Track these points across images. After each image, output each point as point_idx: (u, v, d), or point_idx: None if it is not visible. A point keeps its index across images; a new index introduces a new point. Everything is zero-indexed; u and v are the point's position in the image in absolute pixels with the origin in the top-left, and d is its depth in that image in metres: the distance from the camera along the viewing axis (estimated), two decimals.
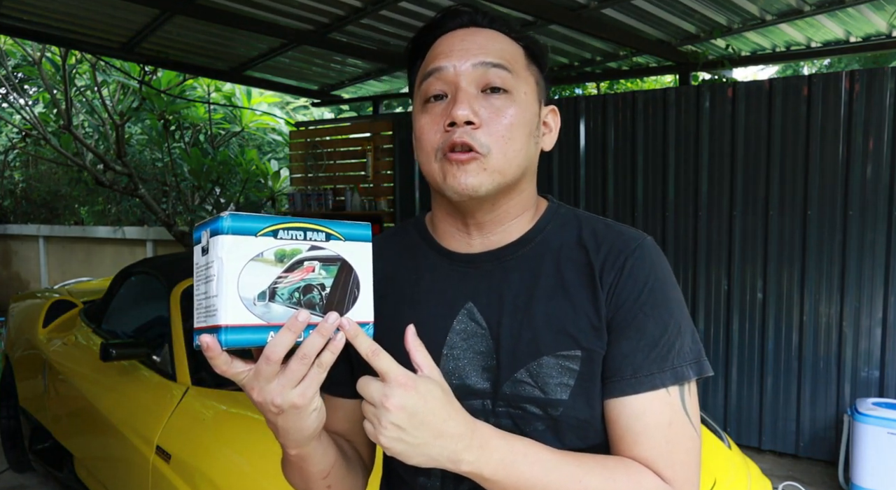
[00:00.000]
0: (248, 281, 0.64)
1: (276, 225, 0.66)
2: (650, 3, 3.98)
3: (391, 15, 4.33)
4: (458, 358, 0.84)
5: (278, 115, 8.19)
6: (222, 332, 0.64)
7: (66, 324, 3.47)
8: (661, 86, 7.55)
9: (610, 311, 0.81)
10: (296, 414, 0.70)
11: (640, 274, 0.81)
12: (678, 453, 0.78)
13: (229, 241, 0.64)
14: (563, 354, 0.80)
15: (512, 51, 0.84)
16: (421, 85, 0.84)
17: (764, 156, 3.90)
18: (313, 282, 0.68)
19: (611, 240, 0.84)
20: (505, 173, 0.80)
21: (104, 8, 4.46)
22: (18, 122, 8.83)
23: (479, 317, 0.84)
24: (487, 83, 0.80)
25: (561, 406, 0.80)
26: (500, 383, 0.82)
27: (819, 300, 3.82)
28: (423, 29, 0.88)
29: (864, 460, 3.37)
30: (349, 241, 0.71)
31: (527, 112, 0.82)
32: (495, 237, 0.87)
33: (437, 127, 0.81)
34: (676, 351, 0.81)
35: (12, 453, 3.78)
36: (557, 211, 0.90)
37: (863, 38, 4.59)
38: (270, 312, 0.65)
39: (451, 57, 0.81)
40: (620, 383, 0.80)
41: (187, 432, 2.07)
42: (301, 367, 0.67)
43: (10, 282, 9.36)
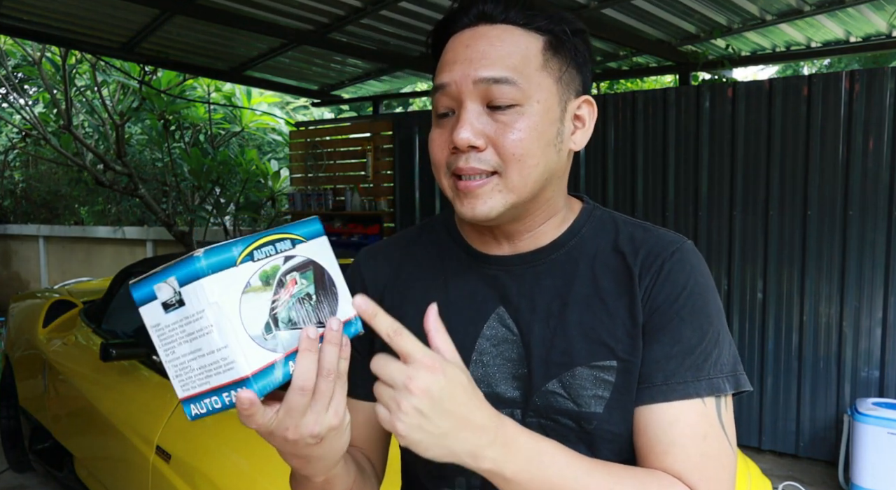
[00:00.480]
0: (249, 317, 0.58)
1: (251, 246, 0.60)
2: (650, 3, 3.98)
3: (391, 15, 4.33)
4: (488, 364, 0.80)
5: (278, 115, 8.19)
6: (252, 383, 0.56)
7: (66, 324, 3.47)
8: (661, 86, 7.55)
9: (645, 316, 0.77)
10: (335, 436, 0.64)
11: (678, 278, 0.77)
12: (712, 469, 0.73)
13: (215, 282, 0.55)
14: (598, 365, 0.76)
15: (523, 51, 0.75)
16: (433, 96, 0.79)
17: (764, 156, 3.90)
18: (300, 294, 0.63)
19: (649, 243, 0.80)
20: (520, 192, 0.75)
21: (104, 8, 4.46)
22: (18, 122, 8.83)
23: (511, 322, 0.80)
24: (491, 100, 0.74)
25: (595, 419, 0.76)
26: (532, 393, 0.78)
27: (819, 300, 3.82)
28: (439, 25, 0.81)
29: (864, 460, 3.37)
30: (310, 241, 0.67)
31: (542, 121, 0.75)
32: (524, 242, 0.83)
33: (444, 143, 0.77)
34: (713, 361, 0.76)
35: (12, 453, 3.77)
36: (592, 213, 0.86)
37: (863, 38, 4.59)
38: (280, 342, 0.60)
39: (453, 70, 0.75)
40: (651, 390, 0.75)
41: (187, 432, 2.07)
42: (328, 384, 0.61)
43: (10, 282, 9.36)
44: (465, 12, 0.77)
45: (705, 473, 0.72)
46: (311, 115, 9.65)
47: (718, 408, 0.75)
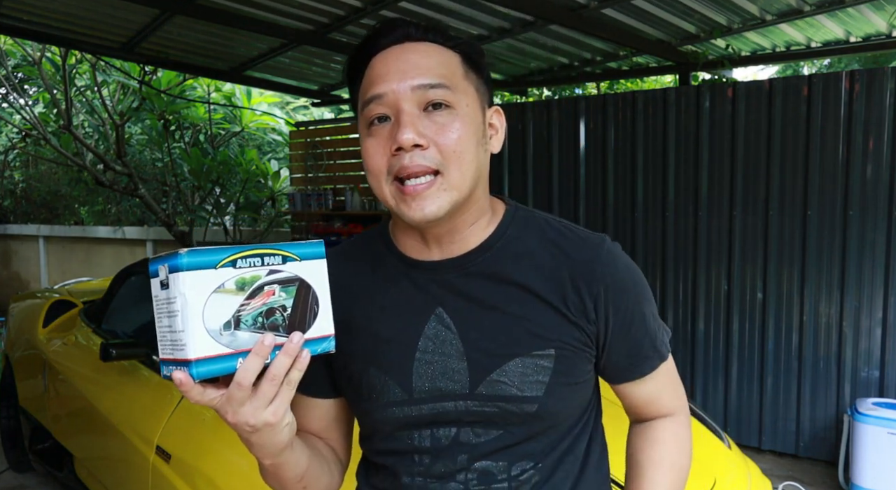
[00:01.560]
0: (213, 313, 0.66)
1: (234, 255, 0.68)
2: (650, 3, 3.98)
3: (391, 15, 4.33)
4: (431, 362, 0.86)
5: (278, 115, 8.19)
6: (193, 366, 0.66)
7: (66, 324, 3.47)
8: (661, 86, 7.55)
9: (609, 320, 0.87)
10: (269, 431, 0.73)
11: (621, 276, 0.88)
12: (677, 386, 1.00)
13: (190, 277, 0.66)
14: (537, 354, 0.85)
15: (448, 63, 0.84)
16: (363, 109, 0.84)
17: (764, 156, 3.90)
18: (274, 305, 0.70)
19: (576, 244, 0.89)
20: (461, 189, 0.82)
21: (104, 8, 4.45)
22: (18, 122, 8.83)
23: (449, 321, 0.86)
24: (429, 101, 0.81)
25: (536, 403, 0.85)
26: (476, 384, 0.85)
27: (819, 300, 3.82)
28: (358, 48, 0.88)
29: (864, 460, 3.37)
30: (305, 261, 0.73)
31: (472, 123, 0.83)
32: (454, 246, 0.89)
33: (382, 150, 0.82)
34: (658, 321, 0.96)
35: (12, 453, 3.77)
36: (516, 214, 0.92)
37: (863, 38, 4.59)
38: (237, 340, 0.68)
39: (388, 80, 0.81)
40: (639, 367, 0.93)
41: (187, 432, 2.07)
42: (271, 387, 0.69)
43: (10, 282, 9.36)
44: (390, 34, 0.85)
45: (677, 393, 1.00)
46: (311, 115, 9.65)
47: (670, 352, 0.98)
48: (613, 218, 4.41)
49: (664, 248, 4.24)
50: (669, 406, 0.99)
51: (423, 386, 0.86)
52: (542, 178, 4.68)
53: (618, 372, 0.93)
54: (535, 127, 4.67)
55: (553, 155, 4.62)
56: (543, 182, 4.67)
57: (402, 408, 0.87)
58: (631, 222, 4.35)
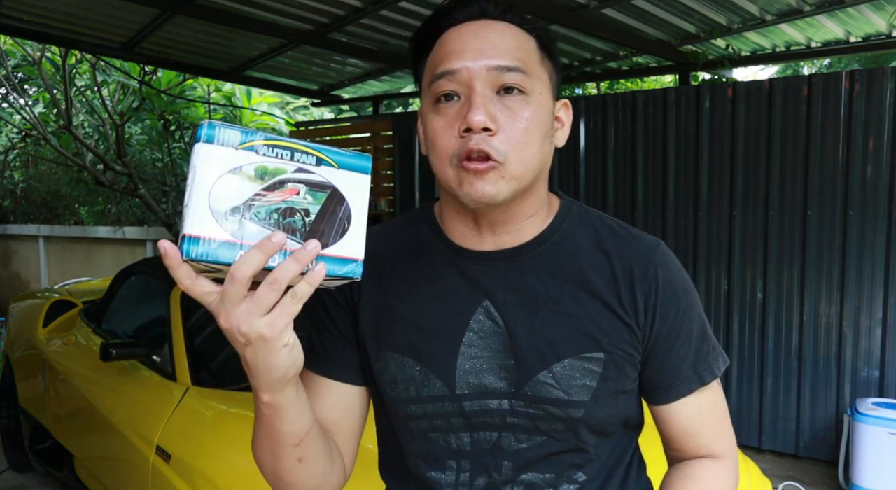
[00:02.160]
0: (222, 193, 0.60)
1: (261, 140, 0.61)
2: (650, 3, 3.98)
3: (391, 15, 4.33)
4: (476, 357, 0.82)
5: (278, 115, 8.19)
6: (185, 241, 0.59)
7: (66, 324, 3.47)
8: (661, 86, 7.55)
9: (656, 326, 0.83)
10: (264, 346, 0.64)
11: (675, 283, 0.85)
12: (725, 424, 0.90)
13: (205, 149, 0.60)
14: (586, 357, 0.81)
15: (526, 47, 0.80)
16: (431, 84, 0.80)
17: (764, 156, 3.90)
18: (296, 205, 0.62)
19: (631, 244, 0.86)
20: (522, 179, 0.78)
21: (104, 8, 4.45)
22: (18, 122, 8.83)
23: (497, 315, 0.82)
24: (503, 85, 0.77)
25: (583, 407, 0.81)
26: (522, 383, 0.81)
27: (819, 300, 3.82)
28: (430, 19, 0.83)
29: (864, 460, 3.37)
30: (344, 170, 0.65)
31: (542, 112, 0.80)
32: (508, 236, 0.84)
33: (451, 131, 0.78)
34: (712, 345, 0.89)
35: (12, 453, 3.77)
36: (570, 209, 0.89)
37: (863, 38, 4.59)
38: (243, 230, 0.60)
39: (463, 57, 0.77)
40: (679, 387, 0.86)
41: (187, 432, 2.07)
42: (271, 292, 0.61)
43: (10, 282, 9.35)
44: (466, 8, 0.80)
45: (723, 431, 0.90)
46: (311, 115, 9.66)
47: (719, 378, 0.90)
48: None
49: None
50: (713, 446, 0.89)
51: (466, 381, 0.81)
52: None
53: (653, 388, 0.87)
54: None
55: (554, 154, 4.61)
56: None
57: (443, 403, 0.82)
58: (631, 222, 4.32)
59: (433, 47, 0.82)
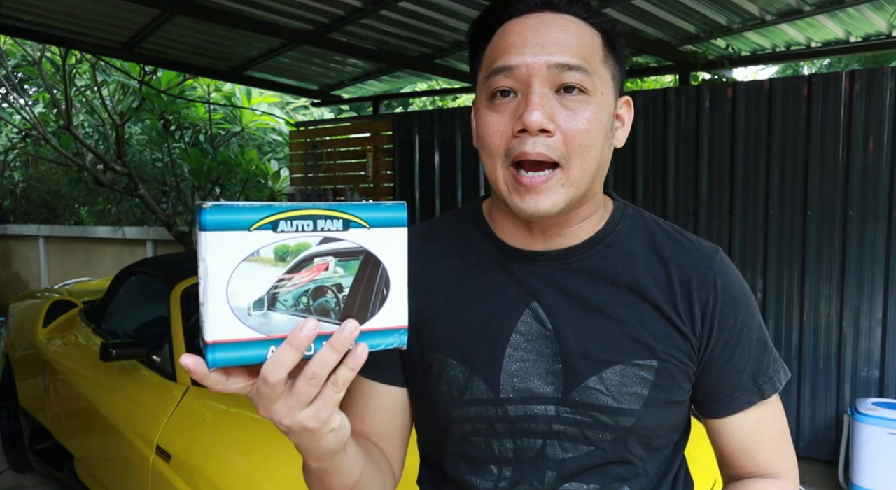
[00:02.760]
0: (241, 286, 0.53)
1: (276, 215, 0.54)
2: (650, 3, 3.98)
3: (391, 15, 4.33)
4: (522, 360, 0.79)
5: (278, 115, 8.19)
6: (209, 350, 0.53)
7: (66, 324, 3.47)
8: (661, 86, 7.55)
9: (713, 336, 0.80)
10: (308, 436, 0.61)
11: (733, 290, 0.81)
12: (784, 443, 0.86)
13: (213, 238, 0.52)
14: (638, 364, 0.78)
15: (590, 44, 0.75)
16: (487, 79, 0.76)
17: (764, 156, 3.90)
18: (326, 282, 0.56)
19: (688, 250, 0.82)
20: (580, 186, 0.75)
21: (104, 8, 4.45)
22: (18, 122, 8.83)
23: (545, 318, 0.79)
24: (563, 83, 0.73)
25: (633, 417, 0.78)
26: (569, 389, 0.78)
27: (819, 300, 3.82)
28: (490, 9, 0.78)
29: (864, 460, 3.37)
30: (376, 228, 0.57)
31: (603, 113, 0.76)
32: (560, 238, 0.81)
33: (504, 129, 0.74)
34: (773, 357, 0.85)
35: (12, 453, 3.77)
36: (625, 211, 0.86)
37: (863, 38, 4.59)
38: (270, 323, 0.55)
39: (523, 53, 0.73)
40: (737, 400, 0.82)
41: (187, 432, 2.07)
42: (309, 387, 0.57)
43: (10, 282, 9.35)
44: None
45: (782, 450, 0.86)
46: (311, 115, 9.65)
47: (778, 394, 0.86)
48: None
49: None
50: (773, 465, 0.85)
51: (511, 384, 0.78)
52: None
53: (710, 401, 0.83)
54: None
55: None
56: None
57: (486, 407, 0.79)
58: None
59: (491, 38, 0.78)
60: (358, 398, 0.85)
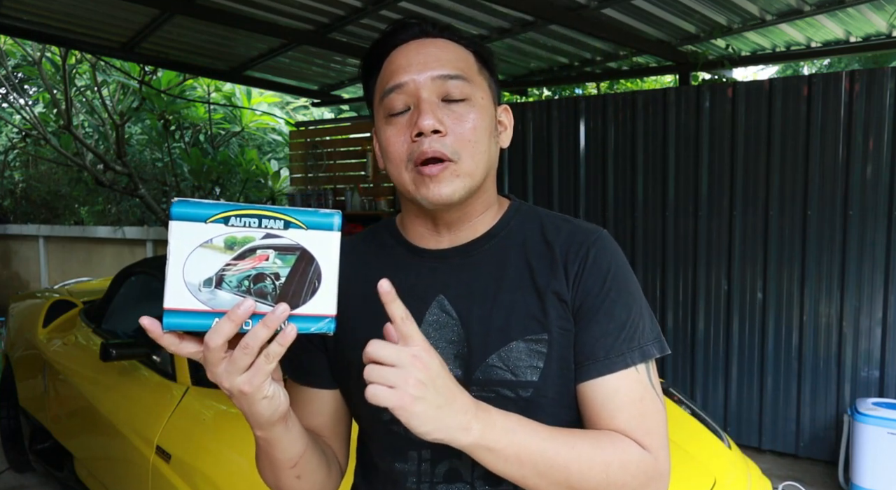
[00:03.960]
0: (195, 267, 0.66)
1: (228, 212, 0.66)
2: (650, 3, 3.98)
3: (391, 15, 4.33)
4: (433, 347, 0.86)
5: (278, 115, 8.19)
6: (165, 316, 0.65)
7: (66, 324, 3.47)
8: (661, 86, 7.55)
9: (578, 299, 0.86)
10: (245, 399, 0.71)
11: (602, 262, 0.87)
12: (651, 423, 0.84)
13: (177, 226, 0.65)
14: (531, 338, 0.85)
15: (465, 58, 0.88)
16: (382, 100, 0.87)
17: (764, 156, 3.90)
18: (266, 270, 0.67)
19: (571, 232, 0.91)
20: (474, 176, 0.85)
21: (104, 8, 4.46)
22: (18, 122, 8.83)
23: (450, 307, 0.88)
24: (447, 94, 0.85)
25: (531, 387, 0.85)
26: (473, 369, 0.85)
27: (819, 300, 3.82)
28: (376, 43, 0.91)
29: (864, 460, 3.37)
30: (312, 230, 0.68)
31: (486, 115, 0.87)
32: (463, 233, 0.91)
33: (403, 138, 0.85)
34: (641, 331, 0.87)
35: (12, 453, 3.77)
36: (520, 208, 0.96)
37: (863, 38, 4.59)
38: (216, 299, 0.66)
39: (409, 70, 0.85)
40: (595, 364, 0.85)
41: (187, 432, 2.07)
42: (244, 356, 0.67)
43: (10, 282, 9.35)
44: (408, 30, 0.89)
45: (646, 428, 0.84)
46: (311, 115, 9.65)
47: (648, 370, 0.87)
48: (613, 218, 4.41)
49: (664, 248, 4.24)
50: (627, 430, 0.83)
51: None
52: (542, 178, 4.68)
53: (577, 364, 0.86)
54: (535, 127, 4.67)
55: (553, 155, 4.62)
56: (543, 182, 4.67)
57: None
58: (631, 222, 4.35)
59: (381, 68, 0.90)
60: (295, 403, 0.92)
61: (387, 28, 0.91)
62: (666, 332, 4.24)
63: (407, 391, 0.68)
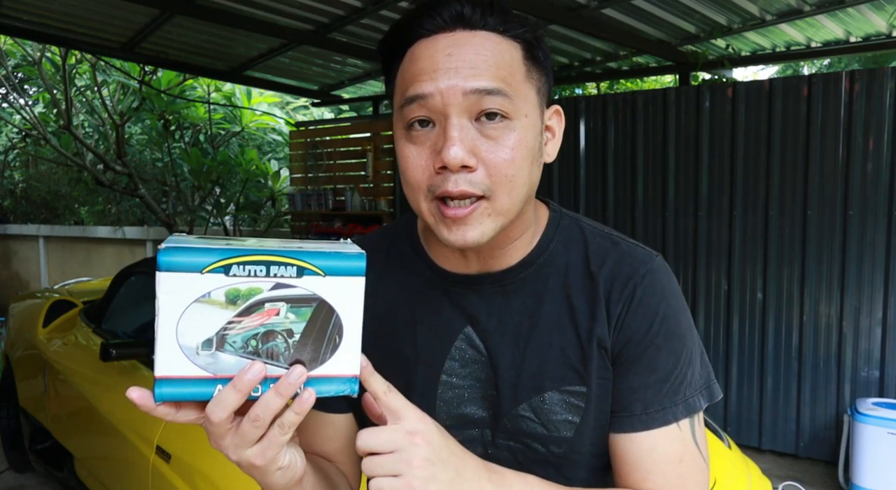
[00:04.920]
0: (191, 326, 0.55)
1: (228, 259, 0.55)
2: (650, 3, 3.98)
3: (391, 15, 4.33)
4: (457, 386, 0.78)
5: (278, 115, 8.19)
6: (157, 385, 0.56)
7: (66, 324, 3.47)
8: (661, 86, 7.55)
9: (618, 344, 0.75)
10: (256, 471, 0.62)
11: (650, 303, 0.75)
12: (689, 486, 0.75)
13: (166, 279, 0.54)
14: (567, 390, 0.75)
15: (509, 61, 0.69)
16: (401, 109, 0.70)
17: (764, 156, 3.90)
18: (277, 327, 0.57)
19: (618, 262, 0.77)
20: (509, 214, 0.71)
21: (104, 8, 4.46)
22: (18, 122, 8.84)
23: (479, 343, 0.78)
24: (482, 110, 0.67)
25: (565, 443, 0.76)
26: (501, 415, 0.77)
27: (819, 300, 3.82)
28: (397, 27, 0.72)
29: (864, 460, 3.37)
30: (332, 277, 0.57)
31: (529, 136, 0.70)
32: (494, 261, 0.78)
33: (425, 163, 0.69)
34: (688, 381, 0.76)
35: (12, 453, 3.77)
36: (560, 223, 0.82)
37: (863, 38, 4.59)
38: (218, 363, 0.56)
39: (435, 78, 0.67)
40: (630, 419, 0.75)
41: (187, 432, 2.07)
42: (253, 429, 0.58)
43: (10, 282, 9.35)
44: (438, 14, 0.68)
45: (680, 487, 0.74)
46: (311, 115, 9.65)
47: (692, 426, 0.76)
48: (613, 218, 4.41)
49: (664, 248, 4.24)
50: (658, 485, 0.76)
51: (447, 411, 0.78)
52: (543, 178, 4.65)
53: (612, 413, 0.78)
54: None
55: None
56: (543, 182, 4.64)
57: None
58: (631, 222, 4.35)
59: (402, 59, 0.72)
60: (307, 427, 0.86)
61: (411, 4, 0.71)
62: None
63: (414, 475, 0.61)
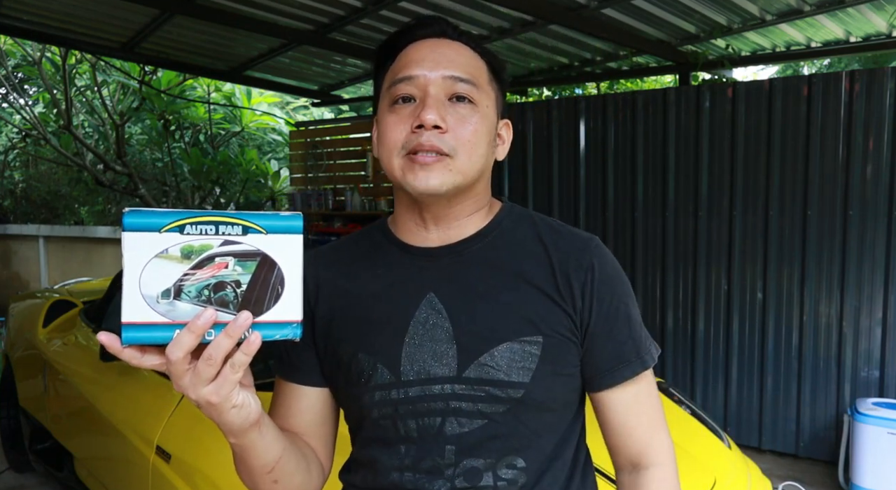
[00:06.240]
0: (151, 278, 0.64)
1: (183, 220, 0.64)
2: (650, 3, 3.98)
3: (391, 15, 4.34)
4: (421, 345, 0.87)
5: (278, 115, 8.19)
6: (123, 330, 0.64)
7: (66, 324, 3.47)
8: (661, 86, 7.55)
9: (593, 310, 0.89)
10: (213, 409, 0.70)
11: (608, 270, 0.91)
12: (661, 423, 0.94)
13: (129, 238, 0.63)
14: (524, 340, 0.86)
15: (477, 65, 0.90)
16: (390, 88, 0.88)
17: (764, 156, 3.90)
18: (226, 278, 0.65)
19: (567, 239, 0.92)
20: (466, 175, 0.86)
21: (104, 8, 4.46)
22: (18, 122, 8.84)
23: (441, 306, 0.88)
24: (455, 93, 0.86)
25: (522, 388, 0.85)
26: (464, 367, 0.86)
27: (819, 300, 3.82)
28: (396, 34, 0.92)
29: (864, 460, 3.37)
30: (273, 234, 0.67)
31: (488, 122, 0.89)
32: (452, 231, 0.92)
33: (403, 126, 0.86)
34: (646, 334, 0.94)
35: (12, 453, 3.77)
36: (512, 209, 0.97)
37: (863, 38, 4.59)
38: (176, 310, 0.64)
39: (422, 65, 0.87)
40: (619, 370, 0.90)
41: (187, 432, 2.07)
42: (208, 367, 0.66)
43: (10, 282, 9.35)
44: (429, 27, 0.91)
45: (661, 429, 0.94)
46: (311, 115, 9.65)
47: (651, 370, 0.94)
48: (613, 218, 4.41)
49: (664, 248, 4.24)
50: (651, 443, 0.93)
51: (411, 368, 0.87)
52: (542, 178, 4.68)
53: (598, 373, 0.91)
54: (535, 127, 4.67)
55: (553, 155, 4.61)
56: (543, 182, 4.67)
57: (390, 390, 0.88)
58: (631, 222, 4.35)
59: (395, 58, 0.91)
60: (281, 400, 0.96)
61: (409, 22, 0.93)
62: (666, 332, 4.25)
63: None
